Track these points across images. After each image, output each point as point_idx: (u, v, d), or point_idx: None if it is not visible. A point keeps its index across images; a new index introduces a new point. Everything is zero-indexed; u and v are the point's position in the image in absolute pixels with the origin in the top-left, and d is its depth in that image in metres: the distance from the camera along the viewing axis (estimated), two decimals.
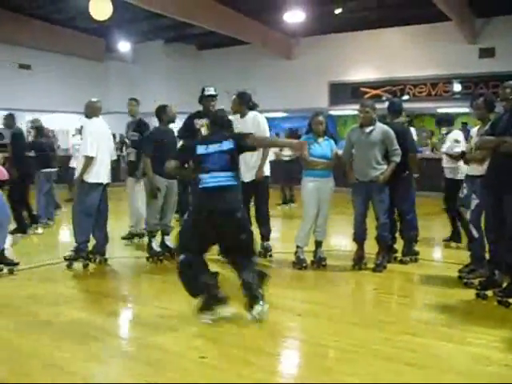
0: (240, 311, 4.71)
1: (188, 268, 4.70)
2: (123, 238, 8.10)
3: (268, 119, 7.06)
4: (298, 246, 6.61)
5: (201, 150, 4.74)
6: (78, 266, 6.63)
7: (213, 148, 4.71)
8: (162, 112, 7.01)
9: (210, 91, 7.01)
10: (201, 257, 4.80)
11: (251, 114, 6.88)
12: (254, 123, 6.73)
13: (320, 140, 6.49)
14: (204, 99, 7.00)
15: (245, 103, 6.89)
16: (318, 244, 6.70)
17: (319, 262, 6.64)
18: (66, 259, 6.61)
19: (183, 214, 8.11)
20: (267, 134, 6.88)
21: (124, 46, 19.86)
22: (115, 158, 7.10)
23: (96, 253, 6.79)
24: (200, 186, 4.70)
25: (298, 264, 6.54)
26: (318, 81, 18.44)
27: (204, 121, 6.89)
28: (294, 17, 15.20)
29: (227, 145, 4.71)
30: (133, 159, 8.06)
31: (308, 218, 6.54)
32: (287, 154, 8.08)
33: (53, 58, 19.60)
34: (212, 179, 4.64)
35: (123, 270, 6.80)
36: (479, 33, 16.21)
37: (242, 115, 6.89)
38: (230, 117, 6.88)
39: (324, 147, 6.47)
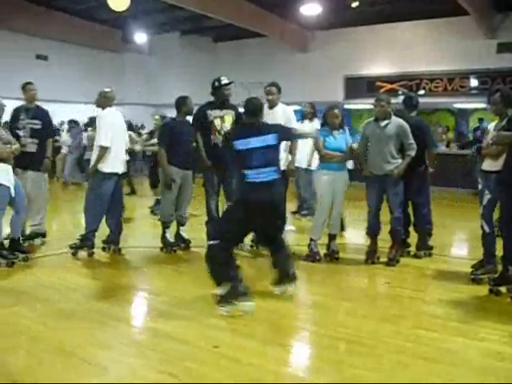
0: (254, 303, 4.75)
1: (222, 253, 4.76)
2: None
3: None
4: (311, 239, 6.63)
5: (241, 145, 4.82)
6: (83, 254, 6.69)
7: (256, 143, 4.80)
8: (181, 103, 7.00)
9: (225, 80, 6.95)
10: (234, 247, 4.99)
11: (281, 105, 6.87)
12: (284, 116, 6.70)
13: (335, 133, 6.48)
14: (221, 88, 6.93)
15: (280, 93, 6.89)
16: (332, 237, 6.72)
17: (332, 255, 6.66)
18: (71, 247, 6.68)
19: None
20: (294, 126, 6.79)
21: (140, 37, 19.93)
22: (128, 147, 7.11)
23: (110, 242, 6.86)
24: (246, 181, 4.82)
25: (311, 257, 6.56)
26: (334, 74, 18.35)
27: (218, 112, 6.90)
28: (311, 10, 15.14)
29: (272, 140, 4.83)
30: (33, 150, 7.11)
31: (322, 211, 6.54)
32: None
33: (69, 48, 19.70)
34: (257, 175, 4.78)
35: (137, 259, 6.83)
36: (498, 27, 16.02)
37: (272, 106, 6.84)
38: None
39: (339, 140, 6.48)
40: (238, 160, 4.90)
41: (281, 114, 6.74)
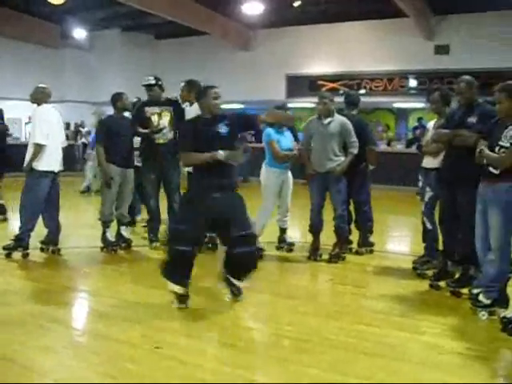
0: (194, 302, 4.69)
1: None
2: None
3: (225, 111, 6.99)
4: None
5: None
6: (16, 255, 6.44)
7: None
8: (117, 100, 6.88)
9: (147, 81, 6.98)
10: None
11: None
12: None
13: (283, 131, 6.62)
14: (146, 88, 6.97)
15: (193, 91, 6.78)
16: (284, 231, 6.94)
17: (289, 247, 6.94)
18: (4, 249, 6.43)
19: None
20: None
21: (80, 33, 19.50)
22: (65, 145, 6.90)
23: (49, 243, 6.65)
24: None
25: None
26: (276, 73, 18.44)
27: (156, 109, 6.92)
28: (253, 8, 15.21)
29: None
30: None
31: (267, 209, 6.60)
32: None
33: (5, 43, 19.02)
34: None
35: (77, 260, 6.65)
36: (435, 30, 16.47)
37: (191, 104, 6.81)
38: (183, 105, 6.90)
39: (288, 138, 6.65)
40: None
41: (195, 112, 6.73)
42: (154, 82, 6.96)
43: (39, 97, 6.53)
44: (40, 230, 6.61)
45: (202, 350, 3.94)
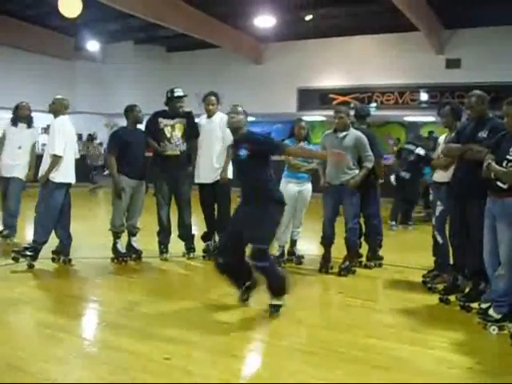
0: (204, 313, 4.71)
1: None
2: None
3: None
4: (279, 246, 6.88)
5: None
6: (22, 266, 6.45)
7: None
8: (129, 112, 6.94)
9: (179, 92, 7.00)
10: None
11: (219, 114, 6.89)
12: (221, 124, 6.70)
13: (301, 144, 6.75)
14: (173, 100, 6.97)
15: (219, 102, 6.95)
16: (294, 243, 7.04)
17: (298, 259, 7.03)
18: (13, 252, 6.49)
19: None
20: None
21: (93, 45, 19.67)
22: (78, 156, 6.95)
23: (60, 253, 6.69)
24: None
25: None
26: (287, 86, 18.50)
27: (170, 121, 6.96)
28: (265, 22, 15.29)
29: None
30: None
31: (285, 218, 6.62)
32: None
33: (18, 54, 19.21)
34: None
35: (87, 270, 6.67)
36: (446, 44, 16.50)
37: (211, 115, 6.92)
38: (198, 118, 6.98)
39: None
40: None
41: (218, 123, 6.82)
42: (182, 93, 7.00)
43: (58, 108, 6.58)
44: (51, 240, 6.64)
45: (212, 361, 3.94)
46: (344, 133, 6.39)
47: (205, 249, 7.16)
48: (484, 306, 4.74)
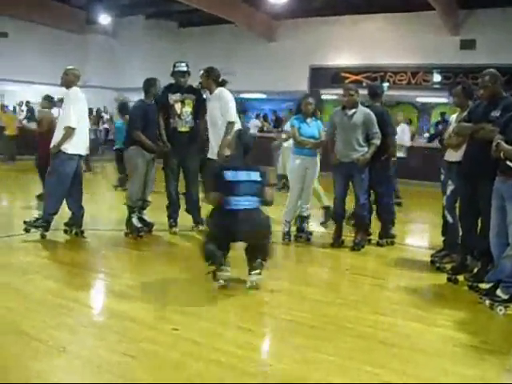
0: (212, 287, 4.74)
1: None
2: None
3: (248, 100, 7.09)
4: (285, 221, 6.85)
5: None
6: (34, 236, 6.48)
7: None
8: (151, 85, 6.86)
9: (181, 67, 6.98)
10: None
11: (218, 90, 6.84)
12: (219, 98, 6.71)
13: (309, 120, 6.73)
14: (174, 74, 6.98)
15: (211, 79, 6.82)
16: (303, 219, 6.96)
17: (307, 235, 6.95)
18: (25, 223, 6.51)
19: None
20: (230, 109, 6.70)
21: (105, 19, 19.59)
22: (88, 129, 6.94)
23: (72, 224, 6.71)
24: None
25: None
26: (299, 64, 18.39)
27: (179, 96, 6.95)
28: None
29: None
30: None
31: (294, 194, 6.77)
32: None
33: (31, 27, 19.26)
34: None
35: (99, 242, 6.70)
36: (461, 24, 16.31)
37: (211, 91, 6.87)
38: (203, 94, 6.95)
39: (312, 127, 6.74)
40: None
41: (216, 98, 6.77)
42: (185, 69, 6.98)
43: (72, 78, 6.51)
44: (64, 212, 6.68)
45: (219, 333, 3.97)
46: (353, 110, 6.41)
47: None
48: (486, 286, 4.75)
